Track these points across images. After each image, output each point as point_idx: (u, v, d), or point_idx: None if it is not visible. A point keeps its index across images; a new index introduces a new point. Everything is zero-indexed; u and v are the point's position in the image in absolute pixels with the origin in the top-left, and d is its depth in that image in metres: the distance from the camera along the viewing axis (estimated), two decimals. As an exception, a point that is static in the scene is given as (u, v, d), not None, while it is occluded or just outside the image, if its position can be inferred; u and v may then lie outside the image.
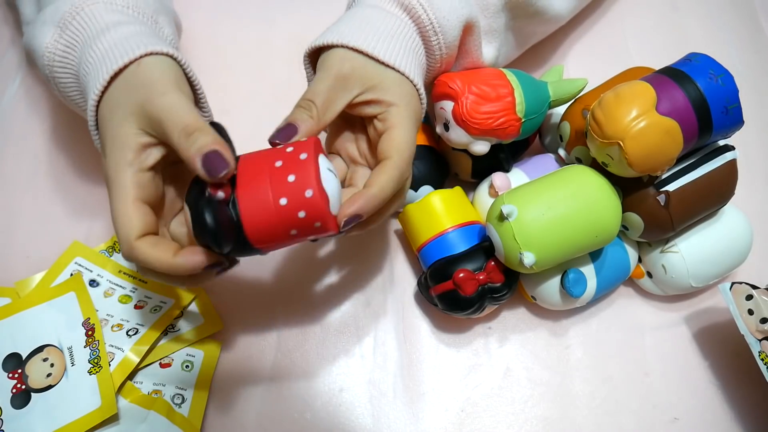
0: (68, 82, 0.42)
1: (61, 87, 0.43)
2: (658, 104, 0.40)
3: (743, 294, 0.45)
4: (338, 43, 0.40)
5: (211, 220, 0.33)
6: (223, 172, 0.34)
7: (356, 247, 0.54)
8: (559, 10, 0.53)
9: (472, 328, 0.51)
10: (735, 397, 0.48)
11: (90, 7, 0.41)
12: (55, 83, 0.43)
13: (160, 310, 0.49)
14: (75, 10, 0.41)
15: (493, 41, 0.49)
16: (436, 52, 0.44)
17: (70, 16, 0.41)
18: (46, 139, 0.58)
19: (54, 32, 0.41)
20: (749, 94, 0.57)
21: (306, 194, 0.34)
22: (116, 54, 0.38)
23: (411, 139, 0.39)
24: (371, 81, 0.39)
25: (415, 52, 0.43)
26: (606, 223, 0.43)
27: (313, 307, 0.51)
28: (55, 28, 0.42)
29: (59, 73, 0.42)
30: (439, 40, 0.43)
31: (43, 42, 0.42)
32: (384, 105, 0.39)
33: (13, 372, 0.45)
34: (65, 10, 0.41)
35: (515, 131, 0.46)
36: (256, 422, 0.47)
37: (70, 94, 0.43)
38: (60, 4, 0.42)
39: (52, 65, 0.42)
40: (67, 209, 0.55)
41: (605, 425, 0.47)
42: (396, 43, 0.41)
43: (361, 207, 0.36)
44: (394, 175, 0.37)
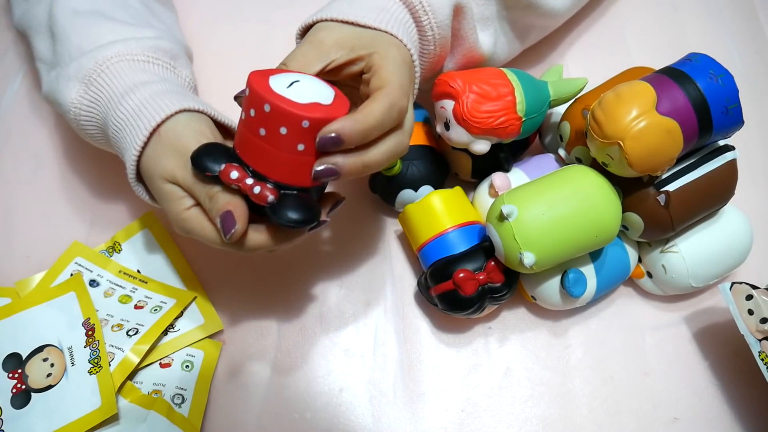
0: (94, 132, 0.46)
1: (87, 135, 0.46)
2: (658, 104, 0.40)
3: (743, 294, 0.45)
4: (321, 18, 0.41)
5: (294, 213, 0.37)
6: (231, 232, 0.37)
7: (356, 247, 0.54)
8: (553, 5, 0.53)
9: (472, 328, 0.51)
10: (735, 397, 0.48)
11: (115, 66, 0.44)
12: (82, 132, 0.46)
13: (160, 310, 0.49)
14: (99, 68, 0.44)
15: (487, 28, 0.50)
16: (428, 32, 0.44)
17: (95, 73, 0.44)
18: (47, 139, 0.58)
19: (79, 88, 0.44)
20: (749, 94, 0.57)
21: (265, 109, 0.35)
22: (145, 118, 0.41)
23: (399, 73, 0.38)
24: (350, 42, 0.40)
25: (404, 25, 0.43)
26: (606, 223, 0.43)
27: (313, 307, 0.51)
28: (80, 84, 0.44)
29: (85, 125, 0.45)
30: (429, 19, 0.44)
31: (68, 97, 0.44)
32: (365, 58, 0.39)
33: (13, 372, 0.45)
34: (89, 68, 0.44)
35: (516, 130, 0.46)
36: (256, 422, 0.47)
37: (96, 139, 0.47)
38: (84, 62, 0.44)
39: (78, 119, 0.45)
40: (68, 209, 0.55)
41: (605, 425, 0.47)
42: (384, 15, 0.42)
43: (342, 126, 0.35)
44: (384, 102, 0.36)
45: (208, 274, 0.52)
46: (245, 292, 0.52)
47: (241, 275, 0.52)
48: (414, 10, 0.43)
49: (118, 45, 0.44)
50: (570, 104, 0.50)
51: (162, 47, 0.47)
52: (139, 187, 0.43)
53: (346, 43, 0.40)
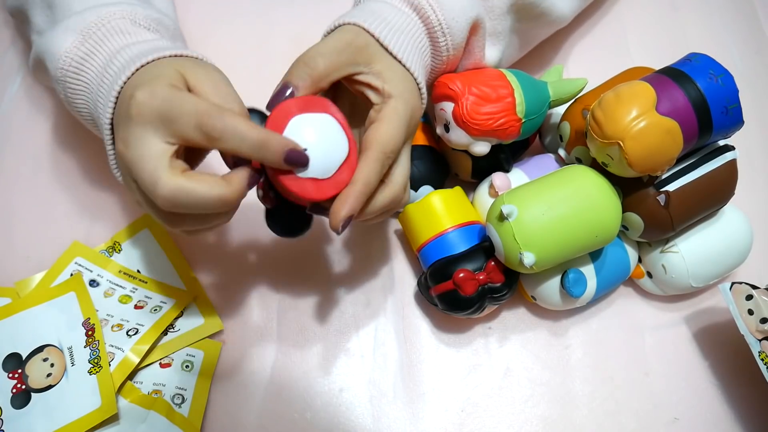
0: (78, 89, 0.42)
1: (69, 92, 0.43)
2: (658, 104, 0.40)
3: (743, 294, 0.45)
4: (354, 22, 0.40)
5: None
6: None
7: (356, 247, 0.54)
8: (563, 11, 0.52)
9: (472, 328, 0.51)
10: (735, 397, 0.48)
11: (116, 22, 0.42)
12: (64, 88, 0.43)
13: (160, 310, 0.49)
14: (101, 21, 0.42)
15: (497, 43, 0.49)
16: (443, 53, 0.44)
17: (96, 26, 0.42)
18: (47, 140, 0.58)
19: (75, 39, 0.42)
20: (749, 94, 0.57)
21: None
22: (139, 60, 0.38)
23: (397, 133, 0.38)
24: (378, 65, 0.39)
25: (420, 52, 0.43)
26: (606, 223, 0.43)
27: (313, 307, 0.51)
28: (78, 35, 0.42)
29: (71, 79, 0.42)
30: (446, 41, 0.44)
31: (63, 46, 0.42)
32: (384, 96, 0.39)
33: (13, 372, 0.45)
34: (91, 20, 0.42)
35: (515, 132, 0.46)
36: (256, 422, 0.47)
37: (75, 102, 0.43)
38: (86, 14, 0.42)
39: (67, 69, 0.42)
40: (68, 209, 0.55)
41: (605, 425, 0.47)
42: (404, 38, 0.41)
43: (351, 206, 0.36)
44: (374, 168, 0.37)
45: (208, 274, 0.52)
46: (245, 292, 0.52)
47: (242, 276, 0.52)
48: (432, 31, 0.43)
49: (121, 5, 0.43)
50: (570, 104, 0.50)
51: (164, 23, 0.46)
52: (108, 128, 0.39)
53: (375, 62, 0.39)
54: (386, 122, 0.38)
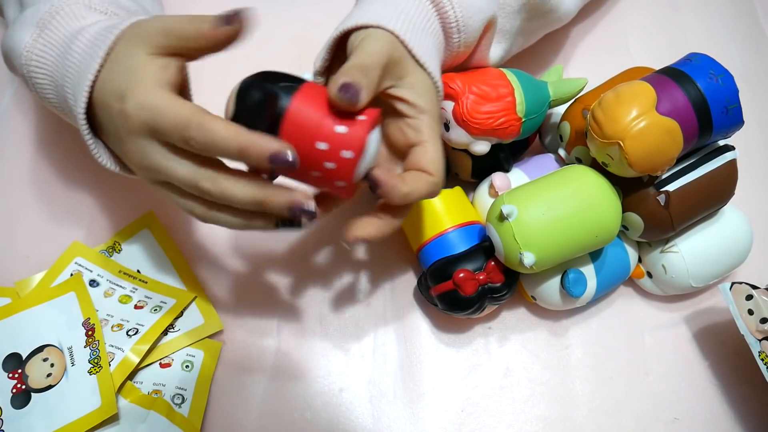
0: (44, 82, 0.42)
1: (38, 87, 0.42)
2: (658, 104, 0.40)
3: (743, 294, 0.45)
4: (387, 28, 0.38)
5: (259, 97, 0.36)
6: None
7: (356, 247, 0.54)
8: (568, 7, 0.52)
9: (472, 328, 0.51)
10: (735, 397, 0.48)
11: (70, 8, 0.41)
12: (32, 83, 0.42)
13: (160, 310, 0.49)
14: (54, 10, 0.41)
15: (502, 41, 0.49)
16: (454, 49, 0.44)
17: (50, 15, 0.41)
18: (47, 139, 0.58)
19: (33, 32, 0.41)
20: (749, 94, 0.57)
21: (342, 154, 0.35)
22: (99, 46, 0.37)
23: (443, 155, 0.39)
24: (409, 77, 0.38)
25: (438, 51, 0.42)
26: (606, 223, 0.43)
27: (313, 307, 0.51)
28: (35, 28, 0.41)
29: (36, 73, 0.42)
30: (460, 39, 0.43)
31: (22, 41, 0.41)
32: (416, 110, 0.38)
33: (13, 372, 0.45)
34: (45, 11, 0.41)
35: (516, 131, 0.46)
36: (256, 422, 0.47)
37: (46, 94, 0.42)
38: (41, 5, 0.42)
39: (29, 64, 0.41)
40: (67, 209, 0.55)
41: (605, 425, 0.47)
42: (427, 39, 0.40)
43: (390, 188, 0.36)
44: (430, 190, 0.38)
45: (208, 274, 0.52)
46: (245, 292, 0.52)
47: (242, 275, 0.52)
48: (448, 27, 0.42)
49: None
50: (570, 104, 0.50)
51: (123, 6, 0.44)
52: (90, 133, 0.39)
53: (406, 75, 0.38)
54: (432, 144, 0.38)
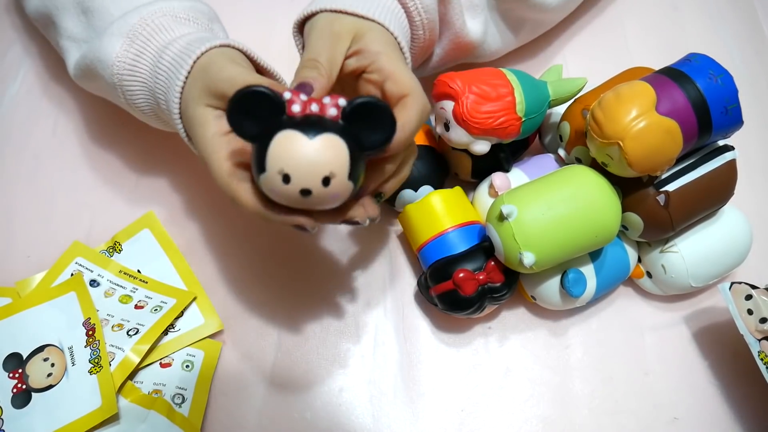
0: (136, 89, 0.45)
1: (128, 95, 0.45)
2: (658, 104, 0.40)
3: (743, 294, 0.45)
4: (322, 8, 0.41)
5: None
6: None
7: (356, 247, 0.54)
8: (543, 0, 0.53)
9: (472, 328, 0.51)
10: (735, 397, 0.48)
11: (159, 20, 0.44)
12: (123, 91, 0.45)
13: (161, 310, 0.49)
14: (144, 21, 0.44)
15: (477, 16, 0.50)
16: (416, 17, 0.45)
17: (140, 27, 0.44)
18: (47, 139, 0.58)
19: (123, 43, 0.44)
20: (749, 94, 0.57)
21: None
22: (183, 61, 0.40)
23: (411, 74, 0.39)
24: (357, 32, 0.40)
25: (394, 14, 0.43)
26: (606, 223, 0.43)
27: (313, 307, 0.51)
28: (125, 39, 0.44)
29: (127, 82, 0.44)
30: (416, 3, 0.44)
31: (113, 52, 0.44)
32: (371, 54, 0.39)
33: (13, 372, 0.45)
34: (134, 23, 0.44)
35: (515, 130, 0.46)
36: (256, 422, 0.47)
37: (136, 101, 0.45)
38: (128, 18, 0.44)
39: (122, 74, 0.44)
40: (68, 209, 0.55)
41: (605, 425, 0.47)
42: (374, 3, 0.42)
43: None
44: (417, 109, 0.37)
45: (208, 274, 0.52)
46: (245, 292, 0.52)
47: (242, 275, 0.52)
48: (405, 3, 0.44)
49: (160, 3, 0.45)
50: (570, 104, 0.50)
51: (200, 9, 0.47)
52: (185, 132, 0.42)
53: (354, 31, 0.40)
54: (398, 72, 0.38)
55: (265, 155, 0.32)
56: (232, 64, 0.39)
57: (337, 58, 0.39)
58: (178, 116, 0.41)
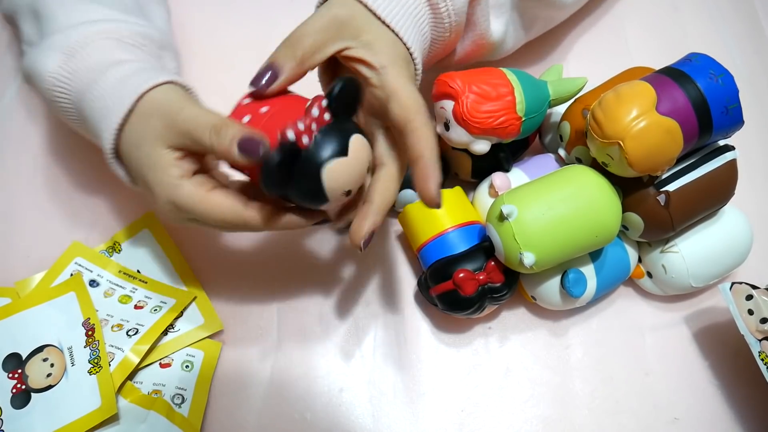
0: (67, 107, 0.43)
1: (61, 111, 0.44)
2: (658, 104, 0.40)
3: (743, 294, 0.45)
4: None
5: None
6: (261, 152, 0.34)
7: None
8: None
9: (472, 328, 0.51)
10: (735, 397, 0.48)
11: (101, 42, 0.42)
12: (54, 106, 0.44)
13: (160, 310, 0.49)
14: (85, 40, 0.42)
15: (501, 16, 0.48)
16: (445, 19, 0.43)
17: (80, 46, 0.42)
18: (47, 140, 0.58)
19: (59, 59, 0.42)
20: (749, 94, 0.57)
21: None
22: (127, 90, 0.39)
23: (420, 97, 0.37)
24: (365, 36, 0.38)
25: (416, 19, 0.41)
26: (606, 223, 0.43)
27: (313, 307, 0.51)
28: (61, 55, 0.42)
29: (59, 98, 0.43)
30: (447, 6, 0.42)
31: (47, 67, 0.42)
32: (376, 69, 0.38)
33: (13, 372, 0.45)
34: (75, 39, 0.42)
35: (516, 130, 0.46)
36: (256, 422, 0.47)
37: (69, 117, 0.44)
38: (70, 33, 0.42)
39: (53, 90, 0.42)
40: (67, 209, 0.55)
41: (605, 425, 0.47)
42: (399, 3, 0.40)
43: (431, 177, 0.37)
44: (430, 135, 0.37)
45: (208, 274, 0.52)
46: (245, 292, 0.52)
47: (241, 275, 0.52)
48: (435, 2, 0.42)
49: (106, 23, 0.43)
50: (570, 104, 0.50)
51: (150, 35, 0.45)
52: (116, 163, 0.41)
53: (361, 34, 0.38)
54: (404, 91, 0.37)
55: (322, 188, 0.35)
56: (190, 104, 0.38)
57: (326, 49, 0.37)
58: (112, 151, 0.40)
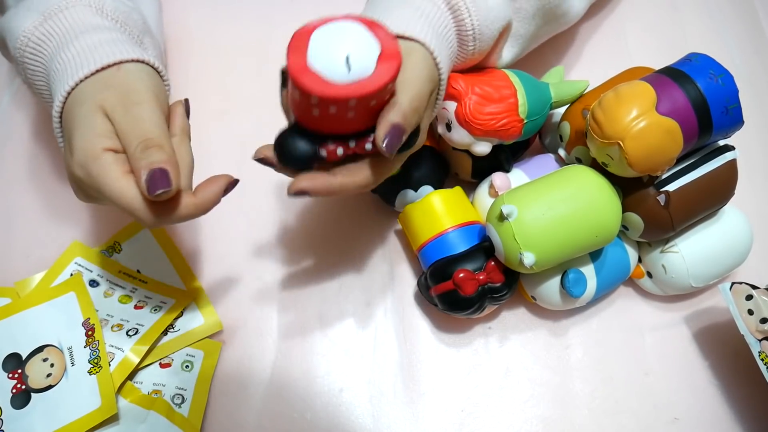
0: (36, 70, 0.42)
1: (29, 73, 0.43)
2: (658, 104, 0.40)
3: (743, 294, 0.45)
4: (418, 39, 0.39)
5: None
6: (159, 191, 0.34)
7: (356, 246, 0.54)
8: (577, 10, 0.52)
9: (472, 328, 0.51)
10: (735, 397, 0.48)
11: (79, 8, 0.42)
12: (23, 68, 0.43)
13: (160, 310, 0.49)
14: (64, 4, 0.42)
15: (515, 46, 0.48)
16: (468, 56, 0.44)
17: (58, 9, 0.41)
18: (46, 139, 0.58)
19: (36, 19, 0.41)
20: (749, 94, 0.57)
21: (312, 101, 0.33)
22: (98, 54, 0.38)
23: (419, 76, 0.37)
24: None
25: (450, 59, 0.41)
26: (606, 223, 0.43)
27: (313, 307, 0.51)
28: (39, 16, 0.41)
29: (29, 60, 0.42)
30: (475, 45, 0.43)
31: (22, 26, 0.42)
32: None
33: (13, 372, 0.45)
34: (54, 3, 0.42)
35: (517, 132, 0.46)
36: (256, 422, 0.47)
37: (36, 82, 0.43)
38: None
39: (24, 50, 0.42)
40: (67, 209, 0.55)
41: (605, 425, 0.47)
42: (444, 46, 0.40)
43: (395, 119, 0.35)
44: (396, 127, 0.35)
45: (208, 274, 0.52)
46: (245, 291, 0.52)
47: (241, 275, 0.52)
48: (464, 35, 0.42)
49: None
50: (570, 104, 0.50)
51: (133, 18, 0.45)
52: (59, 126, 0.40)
53: None
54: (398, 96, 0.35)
55: None
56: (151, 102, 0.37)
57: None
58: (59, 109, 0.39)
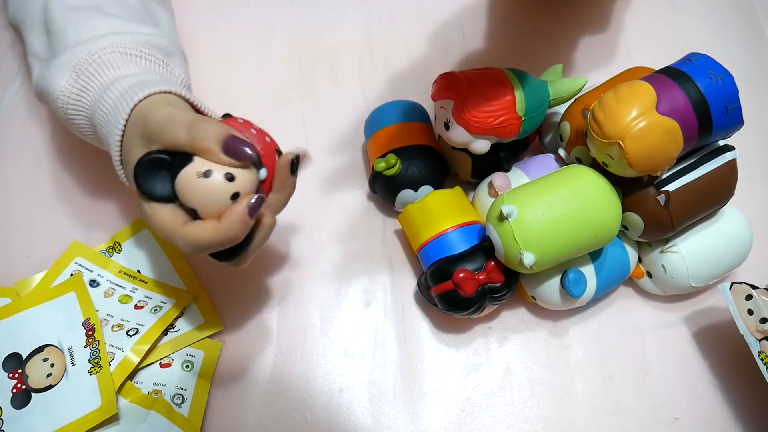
0: (81, 122, 0.45)
1: (74, 126, 0.45)
2: (658, 104, 0.40)
3: (743, 294, 0.45)
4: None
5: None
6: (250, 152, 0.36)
7: (356, 246, 0.54)
8: None
9: (472, 328, 0.51)
10: (735, 397, 0.48)
11: (107, 56, 0.43)
12: (69, 122, 0.45)
13: (161, 310, 0.49)
14: (91, 57, 0.43)
15: None
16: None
17: (86, 62, 0.43)
18: (47, 140, 0.58)
19: (69, 77, 0.44)
20: (749, 94, 0.57)
21: None
22: (123, 105, 0.40)
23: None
24: None
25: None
26: (606, 223, 0.43)
27: (313, 307, 0.51)
28: (71, 73, 0.44)
29: (72, 114, 0.45)
30: None
31: (58, 86, 0.44)
32: None
33: (13, 372, 0.45)
34: (81, 57, 0.43)
35: (515, 130, 0.46)
36: (256, 422, 0.47)
37: (83, 131, 0.45)
38: (77, 51, 0.44)
39: (66, 107, 0.44)
40: (68, 209, 0.55)
41: (605, 425, 0.47)
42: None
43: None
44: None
45: (208, 274, 0.52)
46: (245, 292, 0.52)
47: (242, 275, 0.52)
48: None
49: (112, 37, 0.44)
50: (570, 104, 0.50)
51: (157, 44, 0.47)
52: (123, 173, 0.42)
53: None
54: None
55: None
56: (167, 107, 0.39)
57: None
58: (119, 161, 0.41)
